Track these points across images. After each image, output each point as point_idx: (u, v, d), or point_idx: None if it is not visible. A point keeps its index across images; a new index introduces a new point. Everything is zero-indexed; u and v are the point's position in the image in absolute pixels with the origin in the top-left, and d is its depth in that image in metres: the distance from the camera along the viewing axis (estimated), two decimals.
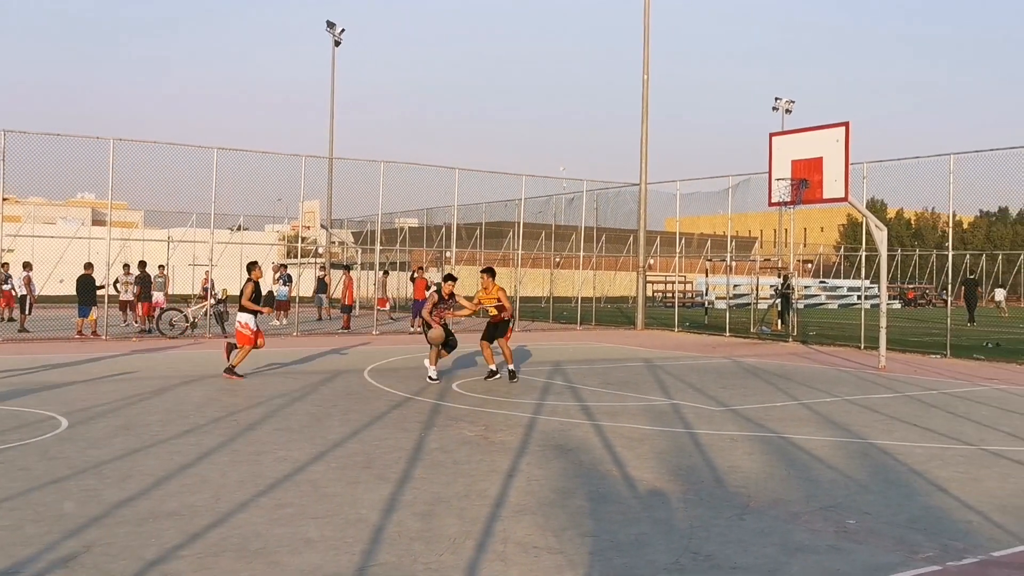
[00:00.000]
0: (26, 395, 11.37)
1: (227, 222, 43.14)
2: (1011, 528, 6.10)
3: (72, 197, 69.29)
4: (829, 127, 17.27)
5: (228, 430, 9.22)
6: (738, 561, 5.30)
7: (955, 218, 23.77)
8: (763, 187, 20.58)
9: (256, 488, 6.82)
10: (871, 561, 5.34)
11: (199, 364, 15.58)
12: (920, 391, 13.57)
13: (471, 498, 6.65)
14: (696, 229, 64.26)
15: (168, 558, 5.15)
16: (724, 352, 20.08)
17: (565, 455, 8.29)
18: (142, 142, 22.10)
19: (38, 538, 5.46)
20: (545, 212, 34.75)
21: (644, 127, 28.84)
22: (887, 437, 9.58)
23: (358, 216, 40.75)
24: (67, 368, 14.57)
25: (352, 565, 5.10)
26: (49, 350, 17.85)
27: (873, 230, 17.81)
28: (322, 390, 12.45)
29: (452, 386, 13.09)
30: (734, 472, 7.70)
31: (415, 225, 46.86)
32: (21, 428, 9.09)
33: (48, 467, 7.38)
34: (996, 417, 11.08)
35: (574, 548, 5.49)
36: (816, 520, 6.22)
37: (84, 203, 69.68)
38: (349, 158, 30.12)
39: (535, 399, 11.91)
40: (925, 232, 74.64)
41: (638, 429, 9.75)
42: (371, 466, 7.68)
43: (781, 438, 9.37)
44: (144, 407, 10.65)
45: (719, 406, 11.58)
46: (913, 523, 6.19)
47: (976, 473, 7.84)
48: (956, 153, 19.63)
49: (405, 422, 9.91)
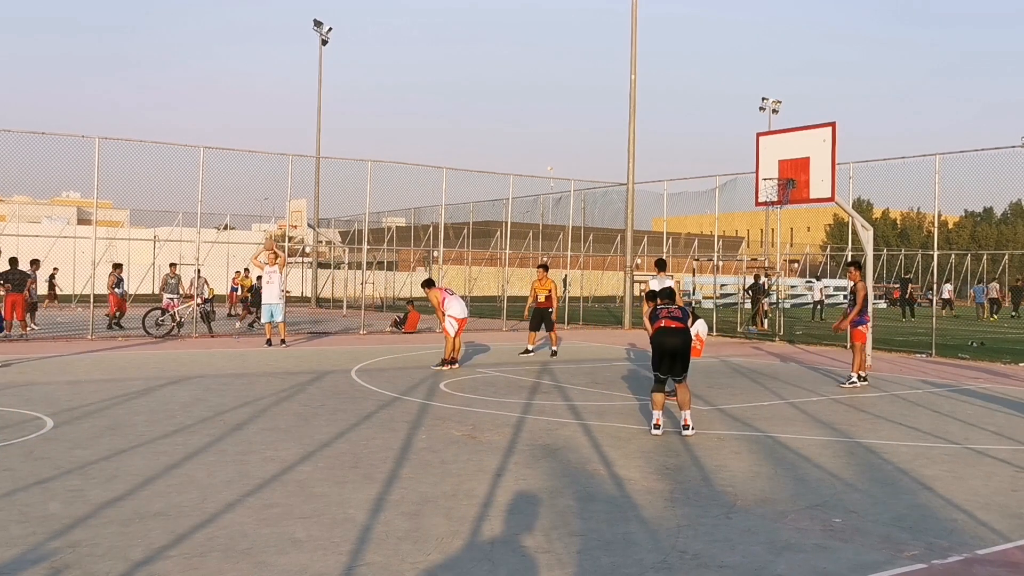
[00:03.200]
0: (10, 395, 11.29)
1: (214, 221, 43.06)
2: (995, 526, 6.14)
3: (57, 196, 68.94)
4: (816, 127, 17.36)
5: (215, 430, 9.18)
6: (725, 560, 5.32)
7: (940, 218, 23.89)
8: (750, 187, 20.65)
9: (243, 488, 6.79)
10: (857, 559, 5.37)
11: (185, 364, 15.51)
12: (905, 390, 13.64)
13: (459, 498, 6.65)
14: (683, 229, 64.45)
15: (154, 558, 5.13)
16: (711, 352, 20.13)
17: (553, 454, 8.30)
18: (128, 141, 22.02)
19: (23, 539, 5.43)
20: (533, 212, 34.76)
21: (631, 127, 28.88)
22: (873, 436, 9.63)
23: (345, 215, 40.72)
24: (52, 367, 14.48)
25: (340, 565, 5.09)
26: (36, 350, 17.73)
27: (859, 230, 17.90)
28: (309, 390, 12.42)
29: (440, 385, 13.07)
30: (721, 471, 7.72)
31: (403, 224, 46.82)
32: (6, 428, 9.03)
33: (33, 467, 7.34)
34: (981, 416, 11.16)
35: (562, 547, 5.49)
36: (802, 519, 6.25)
37: (69, 202, 69.30)
38: (336, 157, 30.14)
39: (523, 399, 11.92)
40: (911, 232, 75.10)
41: (625, 428, 9.77)
42: (359, 466, 7.67)
43: (768, 437, 9.40)
44: (130, 407, 10.59)
45: (706, 405, 11.61)
46: (899, 521, 6.23)
47: (961, 472, 7.89)
48: (942, 153, 19.78)
49: (393, 422, 9.90)
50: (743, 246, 73.07)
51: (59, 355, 16.63)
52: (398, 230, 45.73)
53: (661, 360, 9.51)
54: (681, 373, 9.54)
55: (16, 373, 13.63)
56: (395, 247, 44.60)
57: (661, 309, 9.78)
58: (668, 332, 9.53)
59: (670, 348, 9.46)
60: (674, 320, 9.64)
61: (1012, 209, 78.50)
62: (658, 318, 9.70)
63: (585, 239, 36.07)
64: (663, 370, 9.51)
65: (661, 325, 9.61)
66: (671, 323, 9.60)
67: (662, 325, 9.60)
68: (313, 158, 35.54)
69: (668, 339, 9.52)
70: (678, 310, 9.81)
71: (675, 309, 9.79)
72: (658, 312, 9.78)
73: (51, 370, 14.20)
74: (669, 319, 9.63)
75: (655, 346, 9.61)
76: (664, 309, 9.76)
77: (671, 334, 9.52)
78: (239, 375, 13.91)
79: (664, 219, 31.56)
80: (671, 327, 9.57)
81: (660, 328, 9.60)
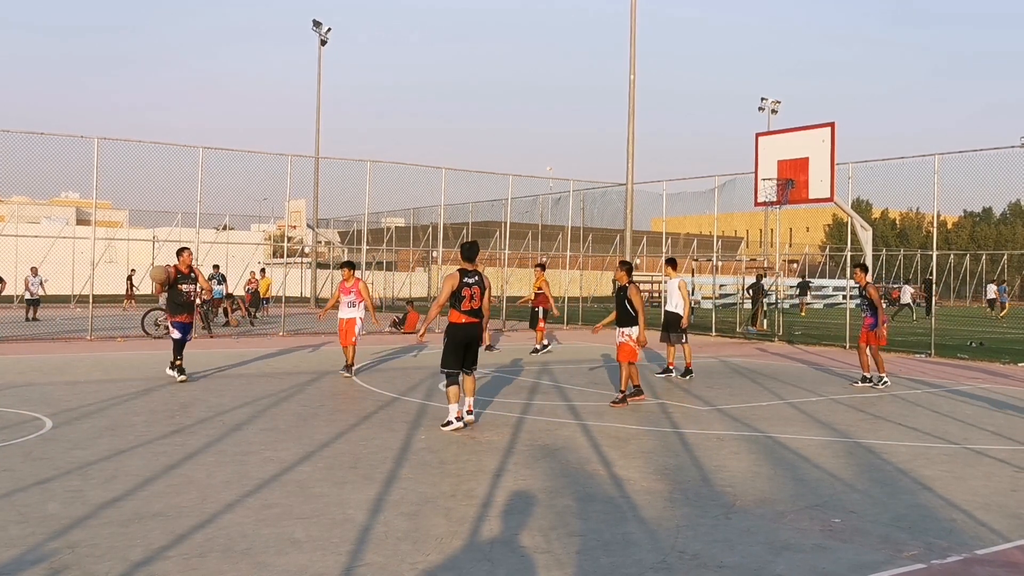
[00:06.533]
0: (9, 395, 11.29)
1: (213, 221, 43.07)
2: (995, 526, 6.14)
3: (56, 196, 68.87)
4: (815, 127, 17.39)
5: (214, 430, 9.18)
6: (724, 560, 5.32)
7: (939, 218, 23.90)
8: (749, 187, 20.68)
9: (242, 488, 6.79)
10: (856, 560, 5.37)
11: (184, 364, 15.48)
12: (905, 390, 13.64)
13: (458, 498, 6.65)
14: (682, 229, 64.46)
15: (154, 559, 5.13)
16: (710, 352, 20.13)
17: (552, 455, 8.30)
18: (127, 141, 22.01)
19: (22, 539, 5.43)
20: (532, 212, 34.77)
21: (631, 127, 28.85)
22: (872, 436, 9.63)
23: (344, 216, 40.69)
24: (51, 368, 14.47)
25: (339, 565, 5.09)
26: (34, 350, 17.73)
27: (859, 230, 17.91)
28: (308, 390, 12.41)
29: (439, 386, 13.06)
30: (720, 471, 7.72)
31: (402, 225, 46.82)
32: (5, 429, 9.02)
33: (33, 468, 7.33)
34: (980, 416, 11.16)
35: (561, 547, 5.49)
36: (802, 519, 6.25)
37: (68, 202, 69.20)
38: (335, 157, 30.07)
39: (522, 399, 11.92)
40: (910, 232, 75.10)
41: (625, 429, 9.77)
42: (358, 466, 7.67)
43: (767, 437, 9.40)
44: (129, 407, 10.59)
45: (705, 405, 11.61)
46: (898, 521, 6.23)
47: (960, 472, 7.89)
48: (941, 153, 19.75)
49: (392, 422, 9.90)
50: (742, 246, 73.08)
51: (58, 355, 16.62)
52: (397, 230, 45.74)
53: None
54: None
55: (16, 373, 13.63)
56: (394, 247, 44.61)
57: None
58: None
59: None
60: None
61: (1011, 209, 78.50)
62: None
63: (584, 239, 36.05)
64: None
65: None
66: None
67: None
68: (312, 158, 35.56)
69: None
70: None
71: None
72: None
73: (50, 370, 14.19)
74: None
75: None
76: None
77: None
78: (238, 375, 13.90)
79: (663, 219, 31.54)
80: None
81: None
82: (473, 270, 9.75)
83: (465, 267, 9.70)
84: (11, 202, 50.74)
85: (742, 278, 40.86)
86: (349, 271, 14.33)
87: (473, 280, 9.62)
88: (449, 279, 9.57)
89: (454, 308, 9.60)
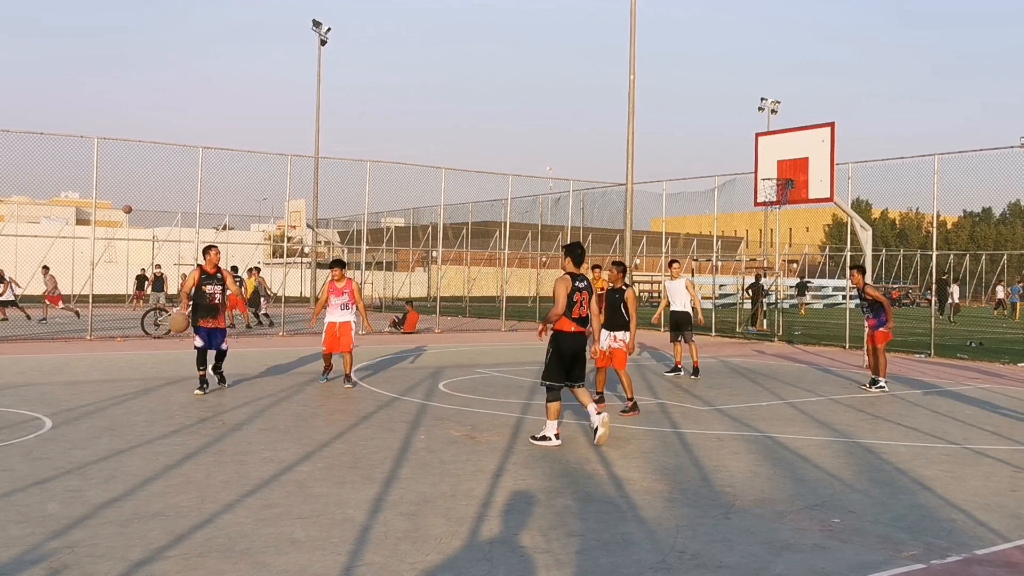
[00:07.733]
0: (9, 395, 11.28)
1: (212, 221, 43.03)
2: (994, 526, 6.14)
3: (56, 196, 68.91)
4: (815, 127, 17.35)
5: (213, 430, 9.18)
6: (724, 560, 5.32)
7: (939, 218, 23.89)
8: (749, 187, 20.65)
9: (242, 488, 6.79)
10: (856, 560, 5.37)
11: (184, 364, 15.49)
12: (904, 390, 13.64)
13: (457, 498, 6.65)
14: (682, 229, 64.41)
15: (153, 559, 5.12)
16: (710, 352, 20.13)
17: (551, 455, 8.30)
18: (126, 141, 22.02)
19: (22, 539, 5.42)
20: (532, 212, 34.79)
21: (630, 127, 28.85)
22: (872, 436, 9.63)
23: (344, 216, 40.69)
24: (51, 368, 14.47)
25: (338, 565, 5.09)
26: (34, 350, 17.72)
27: (858, 230, 17.90)
28: (308, 390, 12.41)
29: (439, 386, 13.07)
30: (720, 471, 7.72)
31: (401, 225, 46.83)
32: (4, 429, 9.02)
33: (32, 468, 7.33)
34: (979, 416, 11.16)
35: (560, 547, 5.49)
36: (801, 519, 6.25)
37: (68, 202, 69.23)
38: (335, 157, 30.05)
39: (522, 399, 11.92)
40: (909, 232, 75.09)
41: (624, 428, 9.77)
42: (357, 466, 7.67)
43: (767, 437, 9.40)
44: (129, 407, 10.59)
45: (705, 405, 11.61)
46: (897, 521, 6.23)
47: (960, 472, 7.89)
48: (941, 154, 19.75)
49: (391, 422, 9.90)
50: (742, 246, 73.08)
51: (58, 355, 16.62)
52: (397, 230, 45.74)
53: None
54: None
55: (15, 373, 13.63)
56: (394, 247, 44.60)
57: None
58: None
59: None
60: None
61: (1011, 209, 78.51)
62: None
63: (584, 239, 36.04)
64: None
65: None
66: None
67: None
68: (312, 158, 35.56)
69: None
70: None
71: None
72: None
73: (50, 370, 14.19)
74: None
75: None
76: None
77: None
78: (237, 375, 13.89)
79: (663, 219, 31.56)
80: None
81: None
82: (580, 274, 8.97)
83: (574, 271, 8.93)
84: (11, 202, 50.74)
85: (742, 278, 40.95)
86: (340, 270, 13.19)
87: (583, 284, 8.84)
88: (562, 283, 8.73)
89: (564, 315, 8.76)
